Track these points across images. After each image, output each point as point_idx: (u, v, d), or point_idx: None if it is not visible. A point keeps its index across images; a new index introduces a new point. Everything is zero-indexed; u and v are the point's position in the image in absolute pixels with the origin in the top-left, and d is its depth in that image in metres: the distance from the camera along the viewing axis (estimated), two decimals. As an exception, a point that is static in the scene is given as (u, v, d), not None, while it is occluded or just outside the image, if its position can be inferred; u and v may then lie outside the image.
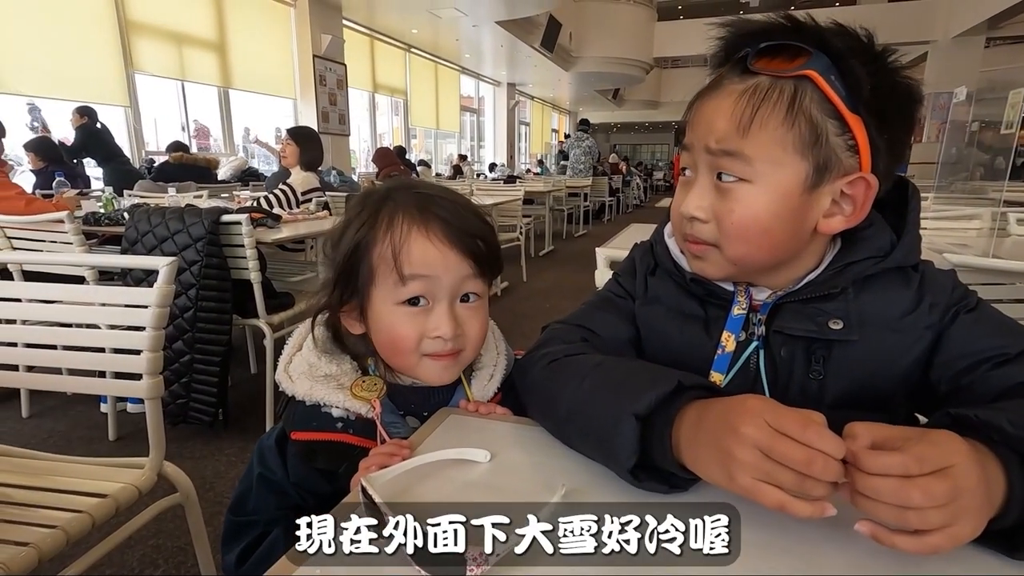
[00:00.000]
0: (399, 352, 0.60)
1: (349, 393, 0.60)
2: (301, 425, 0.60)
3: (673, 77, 16.62)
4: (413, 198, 0.60)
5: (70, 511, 0.89)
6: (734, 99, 0.53)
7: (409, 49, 9.66)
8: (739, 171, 0.53)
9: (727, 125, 0.53)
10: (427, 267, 0.57)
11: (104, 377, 1.17)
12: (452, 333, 0.58)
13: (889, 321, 0.56)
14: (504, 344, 0.70)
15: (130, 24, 5.12)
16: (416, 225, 0.58)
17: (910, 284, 0.57)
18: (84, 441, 1.95)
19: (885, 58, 0.53)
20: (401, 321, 0.59)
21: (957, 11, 9.16)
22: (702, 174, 0.56)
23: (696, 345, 0.61)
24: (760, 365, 0.58)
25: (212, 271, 1.86)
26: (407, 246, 0.57)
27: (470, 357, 0.63)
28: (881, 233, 0.57)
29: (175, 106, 5.92)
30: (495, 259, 0.62)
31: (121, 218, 2.23)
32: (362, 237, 0.59)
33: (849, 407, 0.56)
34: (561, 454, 0.52)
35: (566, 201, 7.03)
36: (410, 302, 0.58)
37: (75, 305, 1.08)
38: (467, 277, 0.59)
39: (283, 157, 2.96)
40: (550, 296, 4.11)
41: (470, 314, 0.60)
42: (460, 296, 0.60)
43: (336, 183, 4.47)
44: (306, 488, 0.60)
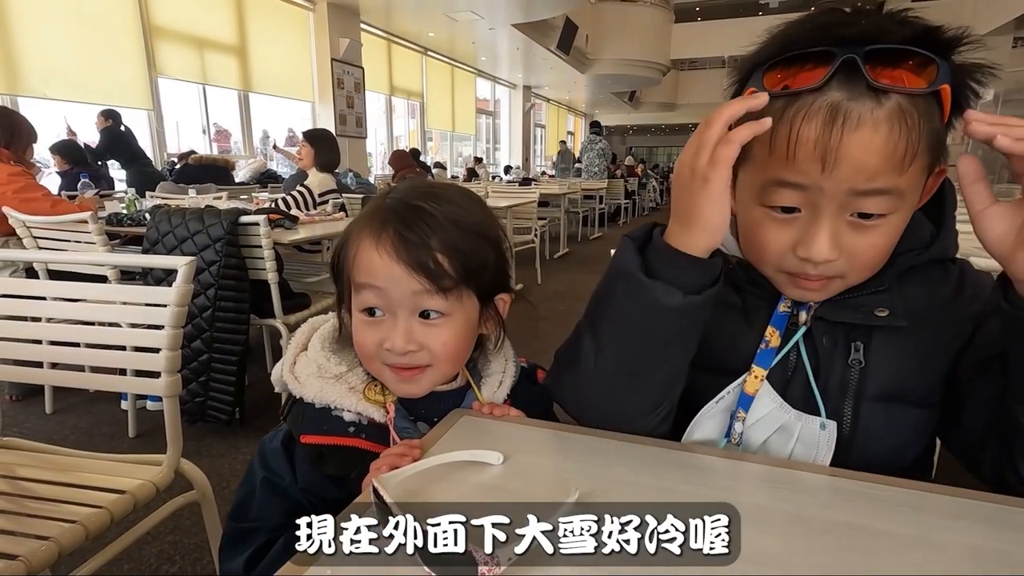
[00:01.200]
0: (363, 357, 0.60)
1: (362, 396, 0.59)
2: (311, 428, 0.58)
3: (690, 79, 16.51)
4: (388, 205, 0.58)
5: (90, 506, 0.90)
6: (885, 131, 0.45)
7: (426, 52, 9.73)
8: (888, 207, 0.48)
9: (881, 163, 0.46)
10: (374, 277, 0.56)
11: (125, 375, 1.19)
12: (403, 348, 0.56)
13: (932, 311, 0.55)
14: (512, 352, 0.69)
15: (154, 29, 5.23)
16: (371, 235, 0.56)
17: (950, 277, 0.57)
18: (105, 437, 1.99)
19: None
20: (360, 328, 0.58)
21: (983, 10, 8.96)
22: (830, 212, 0.48)
23: (737, 336, 0.59)
24: (802, 354, 0.57)
25: (231, 271, 1.89)
26: (359, 254, 0.57)
27: (443, 373, 0.60)
28: (921, 225, 0.56)
29: (196, 109, 6.03)
30: (475, 270, 0.57)
31: (143, 219, 2.27)
32: (343, 241, 0.59)
33: (890, 399, 0.56)
34: (575, 457, 0.52)
35: (581, 204, 7.01)
36: (368, 311, 0.57)
37: (97, 304, 1.11)
38: (420, 293, 0.55)
39: (299, 159, 2.99)
40: (565, 299, 4.10)
41: (429, 331, 0.57)
42: (419, 312, 0.57)
43: (353, 185, 4.50)
44: (314, 493, 0.58)
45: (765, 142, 0.49)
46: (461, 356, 0.62)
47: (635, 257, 0.51)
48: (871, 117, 0.45)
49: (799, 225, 0.50)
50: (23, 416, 2.13)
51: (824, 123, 0.46)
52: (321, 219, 2.48)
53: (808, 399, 0.56)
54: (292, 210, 2.60)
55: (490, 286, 0.61)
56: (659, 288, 0.49)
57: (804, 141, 0.46)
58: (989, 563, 0.38)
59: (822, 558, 0.38)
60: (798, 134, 0.47)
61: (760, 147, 0.50)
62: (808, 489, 0.47)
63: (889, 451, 0.57)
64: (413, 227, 0.55)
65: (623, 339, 0.53)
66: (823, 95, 0.46)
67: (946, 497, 0.46)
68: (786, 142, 0.47)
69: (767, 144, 0.49)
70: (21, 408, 2.18)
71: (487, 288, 0.61)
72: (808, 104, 0.46)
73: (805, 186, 0.48)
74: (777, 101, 0.48)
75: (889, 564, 0.38)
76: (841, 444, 0.55)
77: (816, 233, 0.49)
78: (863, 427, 0.56)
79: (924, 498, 0.45)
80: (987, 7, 8.86)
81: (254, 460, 0.62)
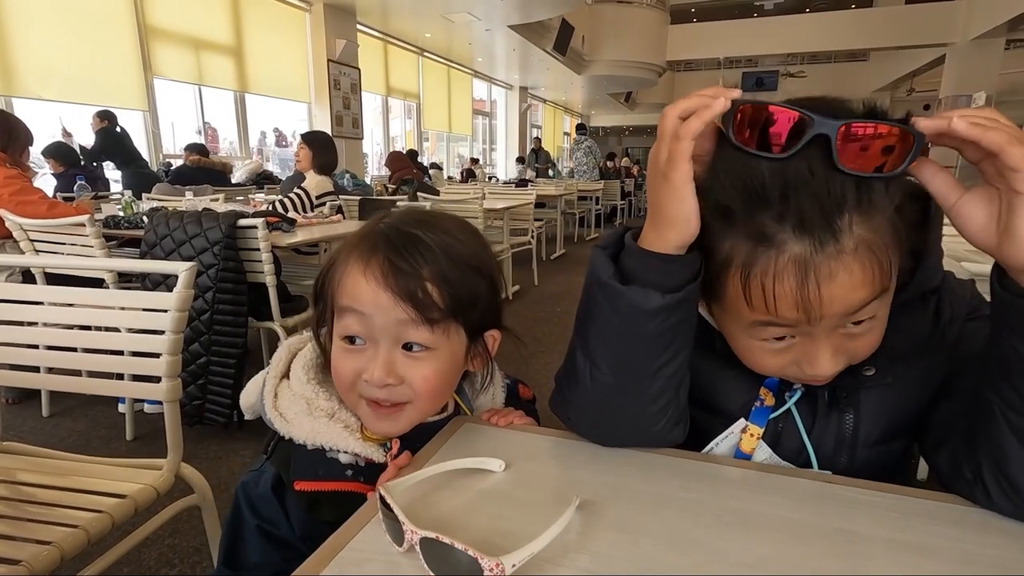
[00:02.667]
0: (339, 387, 0.56)
1: (360, 436, 0.56)
2: (304, 473, 0.54)
3: (686, 80, 16.55)
4: (380, 230, 0.56)
5: (91, 511, 0.90)
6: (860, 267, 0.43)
7: (422, 53, 9.73)
8: (877, 311, 0.47)
9: (866, 293, 0.45)
10: (359, 302, 0.53)
11: (123, 379, 1.19)
12: (381, 381, 0.52)
13: (915, 348, 0.54)
14: (500, 376, 0.69)
15: (149, 29, 5.22)
16: (360, 259, 0.54)
17: (928, 306, 0.55)
18: (103, 441, 1.99)
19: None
20: (339, 356, 0.55)
21: (976, 13, 9.03)
22: (824, 337, 0.48)
23: (730, 381, 0.59)
24: (794, 414, 0.57)
25: (229, 274, 1.89)
26: (345, 278, 0.54)
27: (422, 411, 0.57)
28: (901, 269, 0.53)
29: (192, 110, 6.01)
30: (466, 304, 0.55)
31: (140, 221, 2.27)
32: (329, 265, 0.57)
33: (884, 443, 0.56)
34: (576, 464, 0.53)
35: (577, 205, 7.02)
36: (349, 339, 0.54)
37: (95, 308, 1.11)
38: (405, 323, 0.52)
39: (297, 161, 2.99)
40: (562, 300, 4.11)
41: (412, 364, 0.54)
42: (402, 343, 0.54)
43: (350, 186, 4.51)
44: (315, 540, 0.53)
45: (737, 293, 0.47)
46: (442, 394, 0.59)
47: (607, 266, 0.50)
48: (840, 260, 0.43)
49: (796, 348, 0.50)
50: (20, 419, 2.12)
51: (796, 282, 0.43)
52: (319, 221, 2.48)
53: (799, 451, 0.57)
54: (290, 212, 2.61)
55: (480, 322, 0.58)
56: (636, 292, 0.48)
57: (782, 297, 0.45)
58: (981, 568, 0.39)
59: (817, 563, 0.39)
60: (773, 294, 0.45)
61: (732, 291, 0.47)
62: (803, 496, 0.48)
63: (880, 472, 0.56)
64: (404, 254, 0.53)
65: (614, 348, 0.52)
66: (782, 250, 0.43)
67: (938, 503, 0.47)
68: (763, 301, 0.45)
69: (740, 295, 0.47)
70: (17, 411, 2.18)
71: (477, 324, 0.58)
72: (774, 259, 0.44)
73: (794, 324, 0.47)
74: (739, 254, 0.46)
75: (883, 569, 0.39)
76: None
77: (817, 354, 0.48)
78: (858, 468, 0.56)
79: (917, 504, 0.46)
80: (979, 10, 8.93)
81: (239, 504, 0.57)
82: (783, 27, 11.93)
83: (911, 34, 10.30)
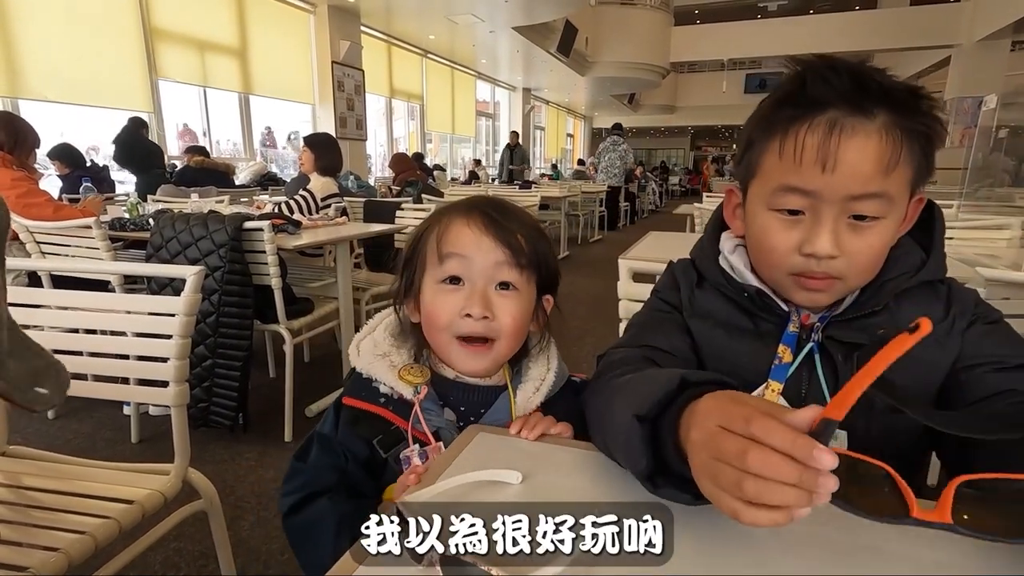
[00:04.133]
0: (433, 328, 0.66)
1: (397, 375, 0.65)
2: (352, 393, 0.67)
3: (690, 82, 16.55)
4: (472, 200, 0.68)
5: (98, 517, 0.90)
6: (878, 140, 0.53)
7: (426, 54, 9.74)
8: (880, 211, 0.55)
9: (872, 167, 0.53)
10: (462, 247, 0.64)
11: (129, 383, 1.19)
12: (480, 312, 0.62)
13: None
14: (558, 362, 0.71)
15: (154, 31, 5.23)
16: (461, 215, 0.66)
17: (940, 296, 0.62)
18: (108, 443, 1.99)
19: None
20: (438, 298, 0.65)
21: (981, 14, 8.99)
22: (831, 214, 0.55)
23: (751, 355, 0.63)
24: (819, 370, 0.61)
25: (234, 277, 1.88)
26: (448, 229, 0.65)
27: (504, 352, 0.66)
28: (911, 251, 0.62)
29: (196, 111, 6.02)
30: (541, 260, 0.67)
31: (146, 224, 2.27)
32: (422, 230, 0.69)
33: (898, 410, 0.57)
34: (593, 475, 0.52)
35: (581, 207, 7.01)
36: (449, 281, 0.65)
37: (102, 312, 1.10)
38: (501, 264, 0.64)
39: (301, 164, 2.99)
40: (566, 302, 4.07)
41: (503, 302, 0.64)
42: (496, 283, 0.64)
43: (354, 188, 4.51)
44: (348, 447, 0.66)
45: (775, 152, 0.56)
46: (520, 335, 0.67)
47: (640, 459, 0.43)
48: (863, 128, 0.53)
49: (803, 227, 0.57)
50: (24, 421, 2.12)
51: (824, 133, 0.53)
52: (324, 224, 2.48)
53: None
54: (295, 214, 2.60)
55: (544, 281, 0.69)
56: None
57: (808, 147, 0.54)
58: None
59: (805, 571, 0.39)
60: (803, 142, 0.54)
61: (770, 157, 0.57)
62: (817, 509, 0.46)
63: (893, 455, 0.59)
64: (500, 212, 0.66)
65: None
66: (824, 112, 0.54)
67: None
68: (792, 149, 0.55)
69: (776, 153, 0.56)
70: (22, 413, 2.18)
71: (544, 280, 0.69)
72: (812, 118, 0.54)
73: (808, 191, 0.55)
74: (784, 114, 0.56)
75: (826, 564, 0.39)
76: (855, 451, 0.57)
77: (819, 232, 0.55)
78: (874, 435, 0.60)
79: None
80: (985, 11, 8.89)
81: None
82: (786, 28, 11.91)
83: (916, 36, 10.26)
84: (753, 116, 0.61)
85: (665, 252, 0.87)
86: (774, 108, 0.58)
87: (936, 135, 0.55)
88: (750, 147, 0.60)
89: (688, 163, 24.16)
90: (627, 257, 1.17)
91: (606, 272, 1.16)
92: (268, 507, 1.62)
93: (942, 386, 0.61)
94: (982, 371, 0.57)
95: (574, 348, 3.07)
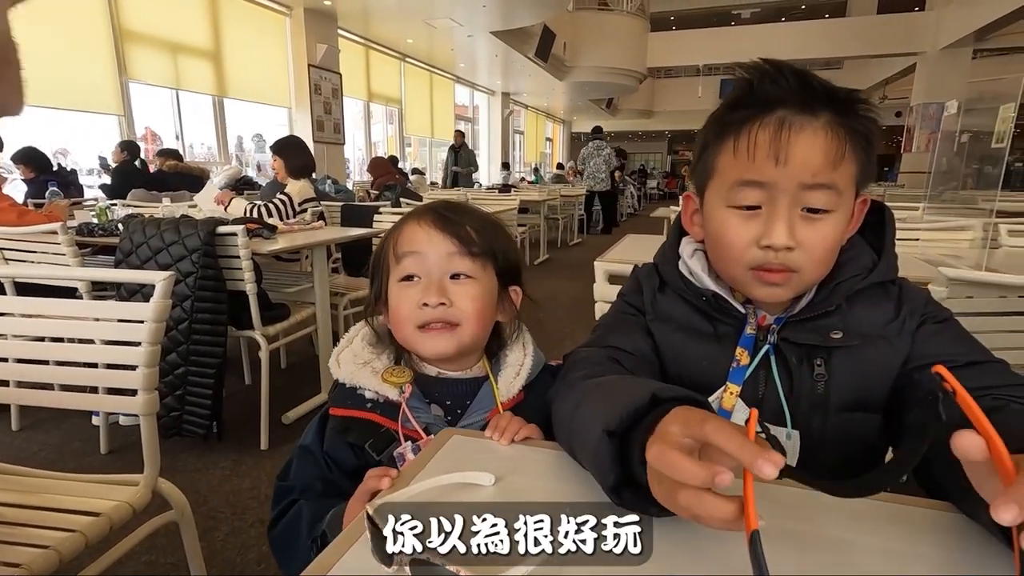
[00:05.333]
0: (398, 323, 0.69)
1: (381, 379, 0.67)
2: (339, 403, 0.69)
3: (666, 87, 16.76)
4: (426, 204, 0.73)
5: (63, 530, 0.87)
6: (824, 135, 0.56)
7: (404, 58, 9.71)
8: (830, 203, 0.58)
9: (820, 159, 0.56)
10: (415, 244, 0.68)
11: (97, 392, 1.16)
12: (436, 300, 0.65)
13: (877, 329, 0.63)
14: (533, 348, 0.75)
15: (124, 32, 5.12)
16: (414, 218, 0.70)
17: (890, 296, 0.64)
18: (76, 455, 1.93)
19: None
20: (399, 295, 0.68)
21: (945, 23, 9.30)
22: (785, 206, 0.58)
23: (710, 358, 0.66)
24: (774, 372, 0.63)
25: (208, 283, 1.85)
26: (403, 232, 0.70)
27: (468, 335, 0.68)
28: (863, 253, 0.65)
29: (169, 114, 5.91)
30: (496, 249, 0.70)
31: (115, 228, 2.22)
32: (384, 240, 0.73)
33: (854, 409, 0.62)
34: (566, 477, 0.52)
35: (561, 210, 7.05)
36: (407, 279, 0.68)
37: (68, 320, 1.07)
38: (452, 254, 0.67)
39: (276, 173, 2.94)
40: (546, 306, 4.11)
41: (459, 290, 0.67)
42: (450, 274, 0.67)
43: (332, 192, 4.46)
44: (334, 457, 0.68)
45: (729, 151, 0.60)
46: (484, 319, 0.70)
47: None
48: (810, 125, 0.57)
49: (760, 221, 0.59)
50: (-13, 434, 2.05)
51: (775, 129, 0.57)
52: (300, 228, 2.45)
53: (779, 413, 0.63)
54: (272, 219, 2.57)
55: (505, 270, 0.72)
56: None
57: (761, 144, 0.57)
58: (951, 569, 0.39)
59: (787, 569, 0.39)
60: (756, 139, 0.58)
61: (725, 156, 0.61)
62: (773, 500, 0.47)
63: (852, 455, 0.63)
64: (449, 210, 0.70)
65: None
66: (773, 112, 0.58)
67: (910, 508, 0.47)
68: (746, 146, 0.58)
69: (731, 152, 0.60)
70: (-14, 425, 2.10)
71: (503, 269, 0.72)
72: (762, 117, 0.58)
73: (763, 183, 0.58)
74: (736, 115, 0.59)
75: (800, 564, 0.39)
76: (810, 450, 0.62)
77: (775, 224, 0.58)
78: (831, 435, 0.62)
79: (903, 511, 0.47)
80: (948, 21, 9.20)
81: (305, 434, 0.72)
82: (760, 35, 12.14)
83: (883, 43, 10.55)
84: (707, 122, 0.64)
85: (641, 255, 0.88)
86: (726, 111, 0.61)
87: (874, 137, 0.59)
88: (705, 150, 0.63)
89: (666, 167, 24.47)
90: (604, 260, 1.18)
91: (585, 274, 1.17)
92: (243, 517, 1.59)
93: (894, 387, 0.62)
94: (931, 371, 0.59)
95: (554, 350, 3.06)
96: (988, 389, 0.54)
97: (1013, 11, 7.45)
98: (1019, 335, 1.17)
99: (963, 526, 0.45)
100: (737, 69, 0.61)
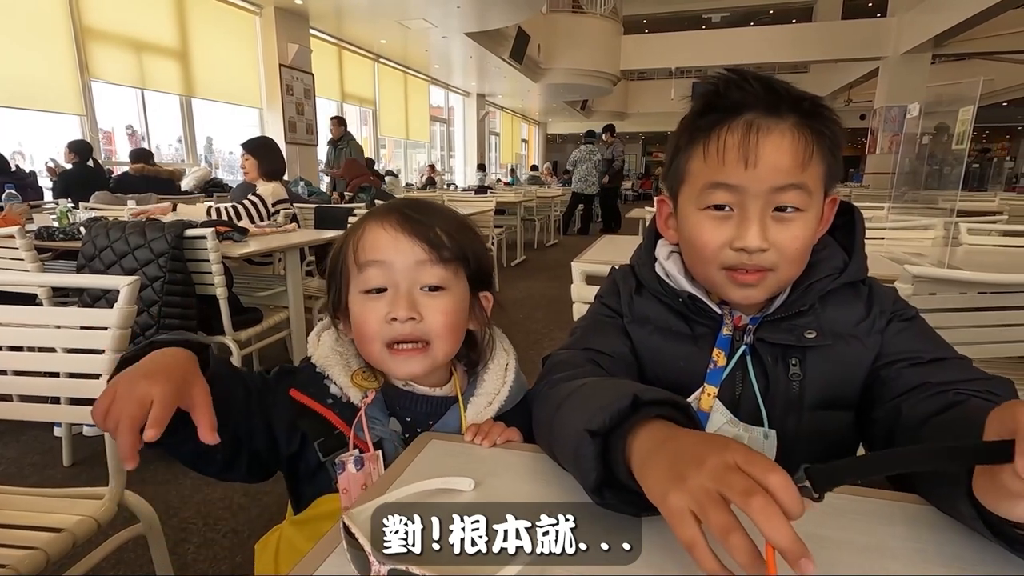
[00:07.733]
0: (364, 340, 0.63)
1: (350, 377, 0.64)
2: (302, 386, 0.64)
3: (640, 89, 16.96)
4: (391, 203, 0.66)
5: (22, 548, 0.83)
6: (791, 136, 0.58)
7: (378, 59, 9.62)
8: (800, 202, 0.59)
9: (789, 160, 0.57)
10: (380, 251, 0.61)
11: (59, 403, 1.11)
12: (406, 314, 0.60)
13: (850, 328, 0.64)
14: (515, 376, 0.69)
15: (86, 30, 4.96)
16: (375, 219, 0.63)
17: (861, 296, 0.66)
18: (37, 468, 1.85)
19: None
20: (363, 309, 0.62)
21: (906, 29, 9.63)
22: (756, 208, 0.59)
23: (687, 359, 0.66)
24: (750, 372, 0.64)
25: (176, 287, 1.80)
26: (365, 236, 0.63)
27: (441, 354, 0.63)
28: (835, 254, 0.66)
29: (134, 115, 5.74)
30: (468, 253, 0.64)
31: (77, 232, 2.14)
32: (342, 241, 0.66)
33: (828, 407, 0.64)
34: (547, 479, 0.52)
35: (537, 212, 7.07)
36: (373, 292, 0.62)
37: (28, 328, 1.03)
38: (423, 262, 0.61)
39: (244, 172, 2.88)
40: (523, 307, 4.11)
41: (431, 303, 0.61)
42: (420, 285, 0.62)
43: (305, 194, 4.39)
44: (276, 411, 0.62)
45: (700, 155, 0.61)
46: (457, 333, 0.65)
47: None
48: (777, 127, 0.58)
49: (732, 224, 0.60)
50: (-59, 448, 1.95)
51: (744, 132, 0.58)
52: (273, 231, 2.40)
53: (755, 412, 0.64)
54: (243, 221, 2.51)
55: (476, 275, 0.67)
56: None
57: (730, 147, 0.58)
58: (939, 565, 0.40)
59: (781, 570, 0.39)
60: (725, 142, 0.59)
61: (696, 161, 0.62)
62: None
63: (826, 450, 0.65)
64: (417, 210, 0.63)
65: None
66: (741, 116, 0.59)
67: (895, 504, 0.48)
68: (716, 150, 0.59)
69: (701, 157, 0.61)
70: (-62, 439, 2.01)
71: (474, 276, 0.66)
72: (731, 121, 0.59)
73: (734, 186, 0.59)
74: (705, 121, 0.60)
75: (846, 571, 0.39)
76: (785, 449, 0.63)
77: (747, 226, 0.59)
78: (805, 433, 0.63)
79: (875, 505, 0.48)
80: (909, 26, 9.52)
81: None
82: (730, 39, 12.36)
83: (848, 48, 10.86)
84: (678, 128, 0.65)
85: (617, 256, 0.88)
86: (696, 117, 0.62)
87: (839, 139, 0.60)
88: (677, 155, 0.64)
89: (640, 168, 24.74)
90: (581, 261, 1.18)
91: (562, 275, 1.17)
92: (215, 528, 1.55)
93: (865, 384, 0.64)
94: (899, 367, 0.61)
95: (532, 351, 3.08)
96: (952, 384, 0.56)
97: (968, 18, 7.76)
98: (978, 329, 1.22)
99: (933, 518, 0.46)
100: (704, 80, 0.62)
